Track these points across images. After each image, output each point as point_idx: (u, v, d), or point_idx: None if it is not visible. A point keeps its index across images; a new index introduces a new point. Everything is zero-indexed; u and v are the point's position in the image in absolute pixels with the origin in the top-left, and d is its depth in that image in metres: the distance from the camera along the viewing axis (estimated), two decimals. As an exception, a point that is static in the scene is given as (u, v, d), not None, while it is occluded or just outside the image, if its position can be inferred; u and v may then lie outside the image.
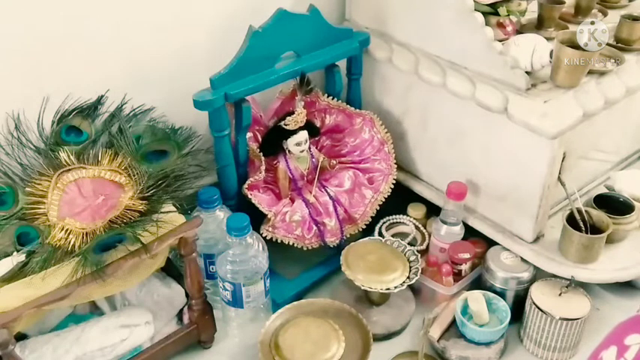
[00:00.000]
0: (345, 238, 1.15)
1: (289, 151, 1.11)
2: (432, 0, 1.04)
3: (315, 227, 1.12)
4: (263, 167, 1.09)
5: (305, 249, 1.12)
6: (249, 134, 1.12)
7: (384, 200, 1.17)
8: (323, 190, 1.14)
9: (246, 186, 1.07)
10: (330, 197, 1.13)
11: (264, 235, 1.07)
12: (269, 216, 1.07)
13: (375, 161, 1.17)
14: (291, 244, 1.11)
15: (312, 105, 1.18)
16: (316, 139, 1.19)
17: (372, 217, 1.17)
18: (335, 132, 1.21)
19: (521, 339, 1.06)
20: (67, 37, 0.96)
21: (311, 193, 1.12)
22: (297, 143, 1.10)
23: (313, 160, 1.15)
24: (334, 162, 1.17)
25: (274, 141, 1.11)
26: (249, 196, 1.07)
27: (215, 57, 1.03)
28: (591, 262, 1.02)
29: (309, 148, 1.14)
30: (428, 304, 1.11)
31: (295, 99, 1.12)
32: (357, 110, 1.18)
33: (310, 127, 1.12)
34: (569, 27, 1.14)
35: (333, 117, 1.19)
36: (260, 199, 1.08)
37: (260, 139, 1.14)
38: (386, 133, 1.17)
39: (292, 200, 1.13)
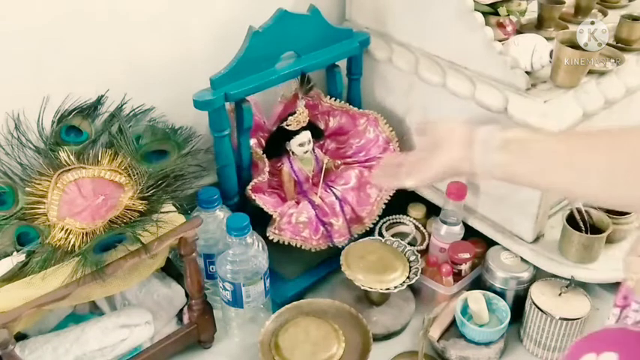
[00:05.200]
0: (352, 237, 1.14)
1: (293, 152, 1.11)
2: (431, 0, 1.04)
3: (322, 228, 1.11)
4: (267, 169, 1.08)
5: (313, 250, 1.11)
6: (253, 140, 1.11)
7: (389, 198, 1.16)
8: (329, 190, 1.14)
9: (250, 188, 1.07)
10: (337, 197, 1.13)
11: (270, 238, 1.07)
12: (274, 217, 1.07)
13: (381, 159, 1.17)
14: (298, 246, 1.10)
15: (315, 107, 1.17)
16: (321, 142, 1.18)
17: (378, 215, 1.16)
18: (339, 134, 1.20)
19: (521, 339, 1.06)
20: (66, 37, 0.96)
21: (317, 194, 1.12)
22: (301, 144, 1.10)
23: (318, 161, 1.15)
24: (339, 162, 1.16)
25: (277, 142, 1.11)
26: (254, 197, 1.06)
27: (215, 57, 1.03)
28: (591, 262, 1.02)
29: (313, 149, 1.13)
30: (428, 304, 1.11)
31: (298, 102, 1.12)
32: (361, 110, 1.18)
33: (313, 129, 1.12)
34: (569, 27, 1.14)
35: (336, 119, 1.18)
36: (265, 201, 1.07)
37: (264, 145, 1.13)
38: (391, 131, 1.17)
39: (297, 202, 1.12)
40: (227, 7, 1.12)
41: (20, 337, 0.91)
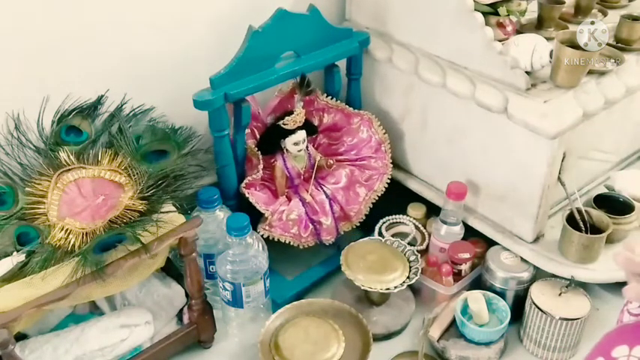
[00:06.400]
0: (340, 234, 1.16)
1: (287, 149, 1.12)
2: (431, 0, 1.04)
3: (311, 226, 1.12)
4: (260, 166, 1.09)
5: (301, 247, 1.13)
6: (246, 130, 1.12)
7: (377, 198, 1.18)
8: (319, 188, 1.14)
9: (243, 184, 1.08)
10: (327, 196, 1.14)
11: (261, 234, 1.07)
12: (266, 214, 1.08)
13: (372, 159, 1.18)
14: (287, 242, 1.11)
15: (311, 103, 1.18)
16: (313, 137, 1.19)
17: (365, 214, 1.18)
18: (332, 130, 1.21)
19: (521, 339, 1.06)
20: (66, 37, 0.96)
21: (307, 191, 1.13)
22: (295, 143, 1.10)
23: (310, 158, 1.15)
24: (331, 161, 1.16)
25: (272, 140, 1.11)
26: (247, 195, 1.07)
27: (215, 57, 1.03)
28: (591, 262, 1.02)
29: (307, 147, 1.14)
30: (428, 304, 1.11)
31: (294, 97, 1.12)
32: (356, 110, 1.18)
33: (307, 126, 1.13)
34: (569, 27, 1.14)
35: (331, 116, 1.19)
36: (257, 198, 1.08)
37: (257, 136, 1.14)
38: (384, 133, 1.17)
39: (289, 199, 1.13)
40: (227, 7, 1.11)
41: (20, 337, 0.91)
